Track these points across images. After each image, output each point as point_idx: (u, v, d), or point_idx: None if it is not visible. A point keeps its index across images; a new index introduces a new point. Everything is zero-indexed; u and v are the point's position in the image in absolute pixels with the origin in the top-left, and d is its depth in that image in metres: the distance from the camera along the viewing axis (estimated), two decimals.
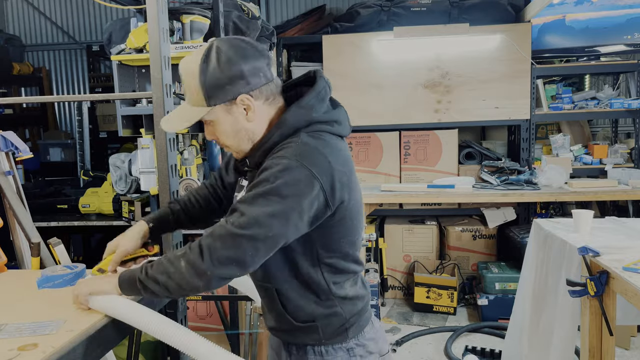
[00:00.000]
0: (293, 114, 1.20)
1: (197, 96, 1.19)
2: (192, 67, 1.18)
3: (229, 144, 1.26)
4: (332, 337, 1.30)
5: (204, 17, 2.77)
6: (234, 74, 1.16)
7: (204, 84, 1.17)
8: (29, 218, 1.84)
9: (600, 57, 4.48)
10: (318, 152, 1.16)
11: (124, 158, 3.26)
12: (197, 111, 1.21)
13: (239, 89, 1.17)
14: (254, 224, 1.09)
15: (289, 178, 1.11)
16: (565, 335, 2.22)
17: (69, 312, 1.24)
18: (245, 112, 1.20)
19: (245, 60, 1.17)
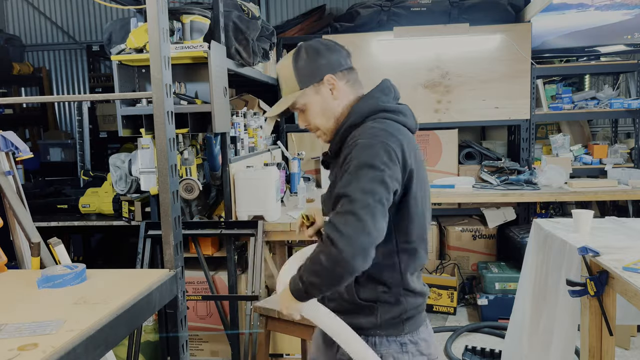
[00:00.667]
0: (361, 103, 1.42)
1: (291, 84, 1.43)
2: (285, 63, 1.44)
3: (319, 124, 1.45)
4: (388, 327, 1.36)
5: (204, 17, 2.77)
6: (320, 60, 1.41)
7: (296, 72, 1.41)
8: (29, 218, 1.84)
9: (600, 57, 4.48)
10: (385, 131, 1.32)
11: (124, 158, 3.26)
12: (291, 96, 1.43)
13: (324, 71, 1.41)
14: (360, 195, 1.19)
15: (369, 151, 1.26)
16: (565, 335, 2.22)
17: (69, 312, 1.24)
18: (331, 91, 1.42)
19: (328, 51, 1.44)
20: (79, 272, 1.47)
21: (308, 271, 1.23)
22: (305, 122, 1.49)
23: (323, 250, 1.18)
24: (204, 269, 3.07)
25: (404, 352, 1.36)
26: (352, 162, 1.26)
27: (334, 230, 1.17)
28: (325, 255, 1.17)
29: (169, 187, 1.57)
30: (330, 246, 1.16)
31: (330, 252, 1.16)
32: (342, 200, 1.21)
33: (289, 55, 1.45)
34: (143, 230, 3.01)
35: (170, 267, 1.59)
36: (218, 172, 3.01)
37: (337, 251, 1.15)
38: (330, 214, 1.24)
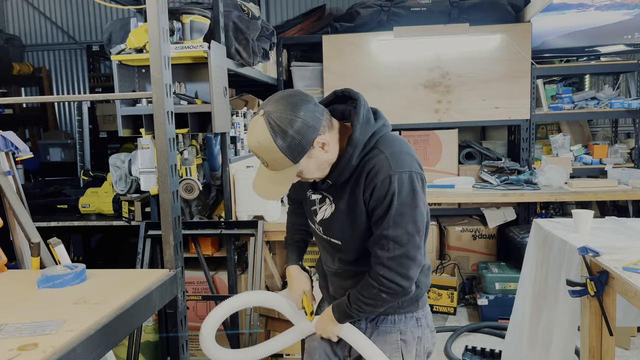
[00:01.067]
0: (360, 132, 1.39)
1: (283, 162, 1.37)
2: (265, 146, 1.34)
3: (315, 176, 1.45)
4: (406, 306, 1.54)
5: (204, 17, 2.77)
6: (301, 128, 1.32)
7: (286, 152, 1.34)
8: (29, 218, 1.84)
9: (600, 57, 4.48)
10: (403, 153, 1.40)
11: (124, 158, 3.26)
12: (289, 172, 1.39)
13: (310, 136, 1.34)
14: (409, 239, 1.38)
15: (405, 187, 1.36)
16: (565, 335, 2.22)
17: (69, 312, 1.24)
18: (322, 149, 1.38)
19: (301, 113, 1.33)
20: (79, 272, 1.47)
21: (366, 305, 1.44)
22: (300, 178, 1.46)
23: (386, 291, 1.40)
24: (204, 269, 3.07)
25: (418, 326, 1.56)
26: (393, 201, 1.35)
27: (398, 276, 1.38)
28: (388, 295, 1.40)
29: (169, 187, 1.57)
30: (397, 287, 1.39)
31: (394, 293, 1.40)
32: (391, 244, 1.37)
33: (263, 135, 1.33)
34: (143, 230, 3.01)
35: (170, 267, 1.59)
36: (218, 172, 3.01)
37: (402, 290, 1.40)
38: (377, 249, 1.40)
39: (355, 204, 1.43)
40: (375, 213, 1.39)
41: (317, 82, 4.45)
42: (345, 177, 1.43)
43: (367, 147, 1.41)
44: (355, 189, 1.42)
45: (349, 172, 1.42)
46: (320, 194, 1.53)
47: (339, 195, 1.47)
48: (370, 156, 1.40)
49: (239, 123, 3.27)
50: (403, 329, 1.54)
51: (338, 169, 1.42)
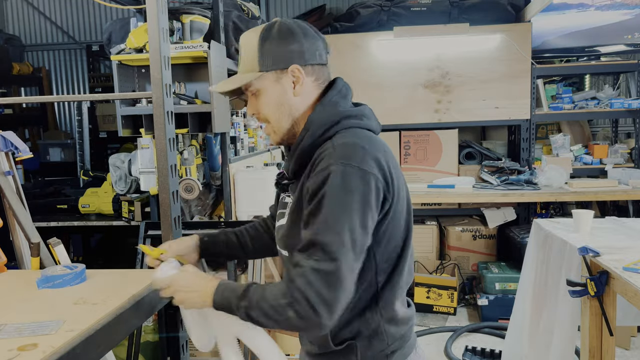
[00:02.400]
0: (318, 113, 1.19)
1: (251, 62, 1.19)
2: (252, 35, 1.20)
3: (270, 116, 1.22)
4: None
5: (204, 17, 2.77)
6: (292, 45, 1.18)
7: (260, 49, 1.18)
8: (28, 218, 1.84)
9: (600, 57, 4.48)
10: (357, 145, 1.11)
11: (123, 158, 3.26)
12: (247, 76, 1.20)
13: (293, 59, 1.18)
14: (341, 250, 1.04)
15: (346, 184, 1.06)
16: (565, 335, 2.22)
17: (69, 312, 1.24)
18: (293, 84, 1.19)
19: (305, 37, 1.19)
20: (79, 272, 1.47)
21: (261, 312, 1.08)
22: (254, 109, 1.25)
23: (295, 308, 1.04)
24: (203, 268, 3.07)
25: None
26: (325, 198, 1.06)
27: (316, 296, 1.02)
28: (296, 314, 1.04)
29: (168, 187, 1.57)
30: (310, 311, 1.03)
31: (306, 315, 1.03)
32: (319, 253, 1.04)
33: (259, 27, 1.21)
34: (143, 230, 3.00)
35: None
36: (218, 172, 3.01)
37: (315, 317, 1.03)
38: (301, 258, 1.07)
39: (300, 204, 1.16)
40: (309, 209, 1.09)
41: None
42: (295, 167, 1.21)
43: (326, 134, 1.16)
44: (302, 181, 1.17)
45: (299, 159, 1.18)
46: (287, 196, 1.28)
47: (293, 192, 1.22)
48: (325, 144, 1.15)
49: (238, 123, 3.27)
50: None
51: (290, 153, 1.22)
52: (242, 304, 1.09)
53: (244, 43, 1.22)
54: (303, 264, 1.05)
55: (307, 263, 1.04)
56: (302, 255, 1.07)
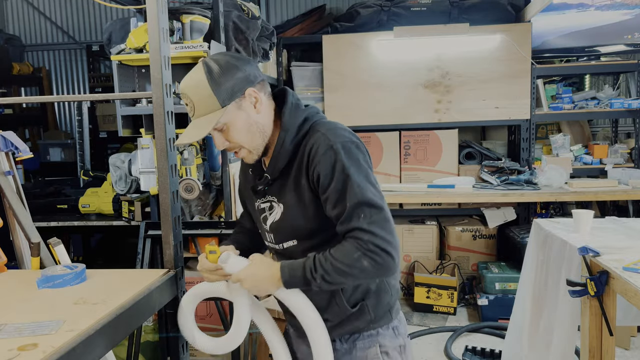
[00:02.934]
0: (290, 115, 1.34)
1: (209, 103, 1.28)
2: (197, 81, 1.29)
3: (243, 142, 1.34)
4: (380, 318, 1.42)
5: (204, 17, 2.77)
6: (237, 73, 1.29)
7: (214, 89, 1.27)
8: (29, 218, 1.84)
9: (600, 57, 4.48)
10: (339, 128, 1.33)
11: (123, 158, 3.26)
12: (213, 116, 1.29)
13: (244, 85, 1.30)
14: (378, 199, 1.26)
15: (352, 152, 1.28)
16: (565, 335, 2.22)
17: (68, 312, 1.24)
18: (253, 105, 1.32)
19: (242, 63, 1.32)
20: (79, 272, 1.47)
21: (336, 274, 1.25)
22: (225, 142, 1.34)
23: (369, 256, 1.22)
24: None
25: (397, 335, 1.45)
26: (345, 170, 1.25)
27: (383, 241, 1.23)
28: (373, 263, 1.23)
29: (169, 187, 1.57)
30: (383, 255, 1.23)
31: (382, 260, 1.23)
32: (366, 209, 1.24)
33: (197, 72, 1.29)
34: (143, 230, 3.01)
35: (170, 267, 1.59)
36: (218, 172, 3.01)
37: (389, 259, 1.24)
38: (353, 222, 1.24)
39: (303, 193, 1.32)
40: (332, 186, 1.26)
41: (317, 82, 4.45)
42: (281, 165, 1.34)
43: (301, 131, 1.34)
44: (300, 177, 1.32)
45: (285, 157, 1.34)
46: (267, 201, 1.42)
47: (283, 191, 1.37)
48: (307, 139, 1.32)
49: None
50: (382, 342, 1.43)
51: (273, 156, 1.35)
52: (316, 275, 1.26)
53: (192, 90, 1.29)
54: (359, 224, 1.23)
55: (362, 222, 1.23)
56: (350, 221, 1.24)
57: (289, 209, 1.36)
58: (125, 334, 1.31)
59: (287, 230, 1.39)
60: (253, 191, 1.45)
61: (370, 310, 1.40)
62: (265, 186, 1.40)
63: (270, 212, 1.42)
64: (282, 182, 1.37)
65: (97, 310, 1.23)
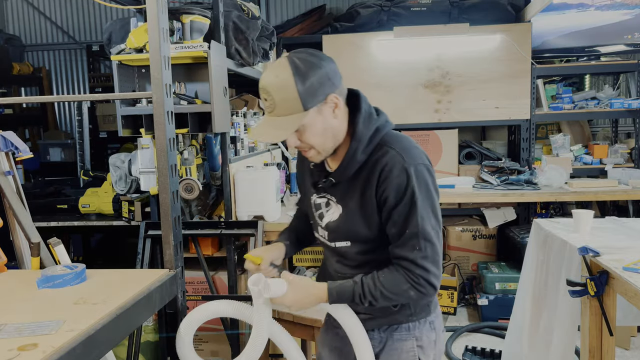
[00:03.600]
0: (364, 126, 1.36)
1: (293, 105, 1.28)
2: (283, 80, 1.27)
3: (315, 144, 1.35)
4: (419, 312, 1.49)
5: (204, 17, 2.77)
6: (321, 77, 1.29)
7: (301, 93, 1.27)
8: (29, 218, 1.84)
9: (600, 57, 4.48)
10: (413, 148, 1.38)
11: (124, 158, 3.26)
12: (295, 118, 1.29)
13: (327, 89, 1.30)
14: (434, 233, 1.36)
15: (423, 179, 1.34)
16: (565, 335, 2.22)
17: (69, 312, 1.24)
18: (332, 110, 1.33)
19: (325, 64, 1.31)
20: (79, 272, 1.47)
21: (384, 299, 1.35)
22: (297, 141, 1.36)
23: (417, 288, 1.34)
24: (204, 269, 3.07)
25: (432, 329, 1.52)
26: (413, 196, 1.32)
27: (432, 276, 1.35)
28: (417, 292, 1.34)
29: (169, 187, 1.57)
30: (429, 287, 1.34)
31: (426, 292, 1.35)
32: (422, 242, 1.33)
33: (283, 70, 1.28)
34: (143, 230, 3.01)
35: (170, 267, 1.59)
36: (218, 172, 3.01)
37: (433, 290, 1.36)
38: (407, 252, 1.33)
39: (367, 204, 1.37)
40: (397, 209, 1.33)
41: None
42: (350, 173, 1.38)
43: (372, 142, 1.36)
44: (367, 188, 1.36)
45: (354, 167, 1.37)
46: (324, 197, 1.47)
47: (346, 195, 1.41)
48: (381, 154, 1.35)
49: (239, 123, 3.27)
50: (418, 335, 1.48)
51: (342, 163, 1.37)
52: (364, 300, 1.35)
53: (275, 88, 1.28)
54: (412, 257, 1.33)
55: (416, 255, 1.33)
56: (405, 248, 1.34)
57: (349, 214, 1.41)
58: (125, 334, 1.31)
59: (344, 232, 1.44)
60: (313, 185, 1.50)
61: (411, 305, 1.46)
62: (327, 186, 1.44)
63: (327, 210, 1.47)
64: (346, 186, 1.41)
65: (97, 310, 1.23)
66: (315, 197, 1.50)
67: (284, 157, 4.28)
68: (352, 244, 1.44)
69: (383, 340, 1.49)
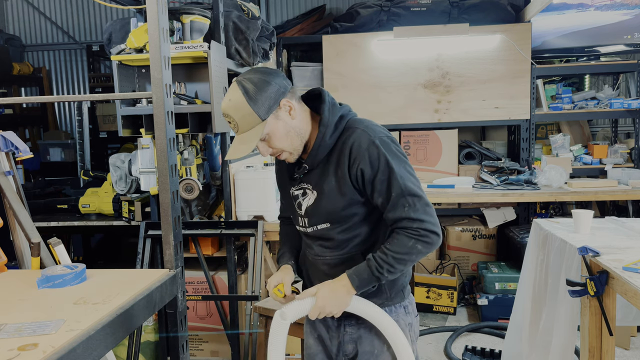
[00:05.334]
0: (329, 113, 1.51)
1: (251, 120, 1.44)
2: (236, 102, 1.44)
3: (284, 146, 1.50)
4: (394, 297, 1.59)
5: (204, 17, 2.77)
6: (271, 88, 1.45)
7: (253, 106, 1.43)
8: (29, 218, 1.84)
9: (600, 57, 4.48)
10: (375, 125, 1.52)
11: (124, 158, 3.26)
12: (256, 130, 1.45)
13: (277, 97, 1.46)
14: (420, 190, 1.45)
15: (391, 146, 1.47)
16: (565, 335, 2.22)
17: (69, 312, 1.24)
18: (288, 113, 1.48)
19: (272, 77, 1.46)
20: (79, 272, 1.47)
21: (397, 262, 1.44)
22: (269, 149, 1.52)
23: (422, 240, 1.42)
24: (204, 269, 3.07)
25: (407, 313, 1.62)
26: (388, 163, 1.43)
27: (430, 224, 1.43)
28: (425, 245, 1.43)
29: (169, 187, 1.57)
30: (432, 236, 1.43)
31: (432, 241, 1.43)
32: (409, 198, 1.43)
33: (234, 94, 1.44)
34: (143, 230, 3.01)
35: (170, 267, 1.59)
36: (218, 172, 3.01)
37: (437, 238, 1.44)
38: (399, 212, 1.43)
39: (341, 183, 1.49)
40: (377, 179, 1.44)
41: (317, 82, 4.45)
42: (321, 157, 1.51)
43: (339, 128, 1.50)
44: (339, 168, 1.48)
45: (325, 151, 1.50)
46: (301, 188, 1.58)
47: (320, 179, 1.53)
48: (347, 135, 1.49)
49: None
50: (395, 319, 1.57)
51: (313, 149, 1.50)
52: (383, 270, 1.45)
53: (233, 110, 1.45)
54: (406, 214, 1.43)
55: (408, 211, 1.43)
56: (396, 210, 1.43)
57: (324, 196, 1.52)
58: (125, 334, 1.31)
59: (322, 214, 1.54)
60: (289, 178, 1.62)
61: (387, 289, 1.56)
62: (301, 174, 1.56)
63: (304, 198, 1.58)
64: (319, 171, 1.53)
65: (97, 310, 1.23)
66: (294, 190, 1.61)
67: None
68: (331, 225, 1.54)
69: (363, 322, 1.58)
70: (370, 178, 1.45)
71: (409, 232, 1.43)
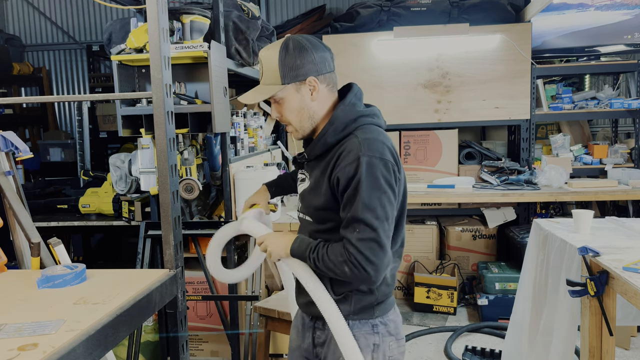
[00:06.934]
0: (341, 111, 1.45)
1: (273, 76, 1.44)
2: (271, 53, 1.44)
3: (292, 121, 1.49)
4: (361, 312, 1.49)
5: (204, 17, 2.77)
6: (306, 59, 1.42)
7: (281, 66, 1.42)
8: (29, 218, 1.84)
9: (600, 57, 4.48)
10: (377, 141, 1.40)
11: (124, 158, 3.26)
12: (272, 88, 1.45)
13: (308, 71, 1.43)
14: (378, 223, 1.34)
15: (374, 171, 1.35)
16: (565, 335, 2.22)
17: (69, 312, 1.24)
18: (310, 92, 1.45)
19: (315, 50, 1.43)
20: (79, 272, 1.47)
21: (325, 264, 1.39)
22: (278, 113, 1.51)
23: (349, 265, 1.34)
24: (204, 269, 3.07)
25: (374, 332, 1.50)
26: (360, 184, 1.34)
27: (364, 259, 1.33)
28: (351, 272, 1.35)
29: (169, 187, 1.57)
30: (361, 270, 1.33)
31: (359, 274, 1.34)
32: (361, 226, 1.34)
33: (276, 45, 1.44)
34: (143, 230, 3.01)
35: (170, 267, 1.59)
36: (218, 172, 3.01)
37: (366, 275, 1.34)
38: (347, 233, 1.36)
39: (321, 182, 1.45)
40: (346, 194, 1.38)
41: None
42: (317, 153, 1.48)
43: (346, 129, 1.44)
44: (327, 169, 1.44)
45: (322, 148, 1.46)
46: (303, 174, 1.58)
47: (313, 172, 1.52)
48: (347, 139, 1.43)
49: (239, 123, 3.27)
50: (356, 334, 1.47)
51: (313, 142, 1.48)
52: (312, 255, 1.42)
53: (265, 59, 1.46)
54: (350, 237, 1.35)
55: (353, 236, 1.35)
56: (347, 230, 1.37)
57: (311, 190, 1.51)
58: (125, 334, 1.30)
59: (307, 205, 1.54)
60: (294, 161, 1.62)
61: (352, 302, 1.48)
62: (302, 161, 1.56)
63: (301, 184, 1.58)
64: (314, 164, 1.51)
65: (97, 310, 1.23)
66: (298, 173, 1.62)
67: (284, 157, 4.28)
68: (312, 220, 1.53)
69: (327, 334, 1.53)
70: (341, 189, 1.39)
71: (346, 251, 1.35)
